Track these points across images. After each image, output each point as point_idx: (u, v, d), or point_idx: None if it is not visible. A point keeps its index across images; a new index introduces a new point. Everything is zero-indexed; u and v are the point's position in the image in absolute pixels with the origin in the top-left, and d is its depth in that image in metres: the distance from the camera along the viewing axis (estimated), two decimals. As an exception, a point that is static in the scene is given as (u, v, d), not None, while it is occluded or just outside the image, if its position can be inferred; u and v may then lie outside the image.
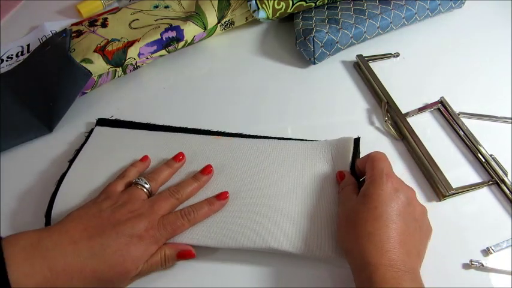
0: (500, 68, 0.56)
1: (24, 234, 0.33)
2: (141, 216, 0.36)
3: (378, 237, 0.33)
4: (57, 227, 0.35)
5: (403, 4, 0.58)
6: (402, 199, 0.35)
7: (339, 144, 0.44)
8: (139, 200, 0.38)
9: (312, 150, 0.44)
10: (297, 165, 0.43)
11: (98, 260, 0.33)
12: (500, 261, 0.39)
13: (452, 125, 0.49)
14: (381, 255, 0.32)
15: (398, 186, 0.36)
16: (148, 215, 0.37)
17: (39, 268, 0.31)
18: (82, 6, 0.66)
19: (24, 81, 0.54)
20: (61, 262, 0.32)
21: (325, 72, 0.57)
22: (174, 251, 0.37)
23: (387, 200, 0.35)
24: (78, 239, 0.34)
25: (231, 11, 0.59)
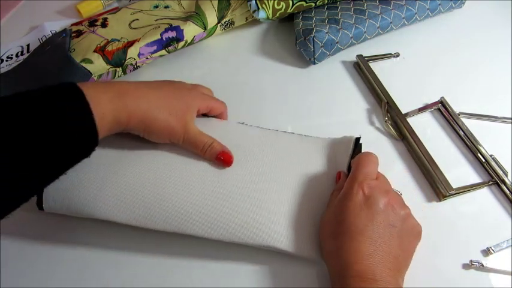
0: (500, 68, 0.56)
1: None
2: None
3: (345, 251, 0.33)
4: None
5: (403, 4, 0.58)
6: (374, 207, 0.35)
7: (340, 143, 0.44)
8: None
9: (314, 147, 0.44)
10: (298, 161, 0.43)
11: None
12: (501, 262, 0.39)
13: (453, 125, 0.49)
14: (349, 267, 0.32)
15: (372, 193, 0.36)
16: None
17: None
18: (82, 6, 0.66)
19: (24, 81, 0.53)
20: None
21: (325, 72, 0.57)
22: (220, 149, 0.40)
23: (355, 212, 0.35)
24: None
25: (231, 11, 0.59)
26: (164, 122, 0.38)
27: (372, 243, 0.33)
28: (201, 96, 0.43)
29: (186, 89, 0.43)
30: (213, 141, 0.40)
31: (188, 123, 0.40)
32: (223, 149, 0.40)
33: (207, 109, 0.44)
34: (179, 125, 0.39)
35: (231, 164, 0.40)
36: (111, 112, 0.35)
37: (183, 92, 0.42)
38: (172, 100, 0.40)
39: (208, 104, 0.43)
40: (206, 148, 0.40)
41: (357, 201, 0.35)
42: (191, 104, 0.41)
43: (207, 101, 0.44)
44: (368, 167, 0.38)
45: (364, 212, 0.35)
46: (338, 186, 0.40)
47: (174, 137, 0.39)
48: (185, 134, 0.39)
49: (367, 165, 0.38)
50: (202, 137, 0.40)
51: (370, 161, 0.39)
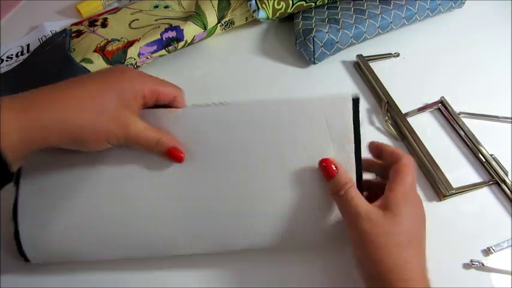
0: (500, 68, 0.56)
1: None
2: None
3: (415, 264, 0.31)
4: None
5: (403, 4, 0.58)
6: (423, 212, 0.34)
7: (334, 108, 0.36)
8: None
9: (304, 119, 0.36)
10: (285, 139, 0.36)
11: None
12: (501, 261, 0.39)
13: (453, 125, 0.49)
14: (420, 280, 0.31)
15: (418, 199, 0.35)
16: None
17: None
18: (82, 6, 0.66)
19: (24, 81, 0.53)
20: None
21: (325, 72, 0.57)
22: (167, 144, 0.35)
23: (417, 221, 0.33)
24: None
25: (231, 11, 0.59)
26: (93, 126, 0.31)
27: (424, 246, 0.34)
28: (140, 78, 0.34)
29: (118, 74, 0.34)
30: (160, 136, 0.34)
31: (127, 117, 0.33)
32: (172, 144, 0.35)
33: (153, 94, 0.35)
34: (115, 124, 0.32)
35: (182, 160, 0.35)
36: (18, 131, 0.28)
37: (113, 79, 0.33)
38: (100, 94, 0.32)
39: (153, 87, 0.35)
40: (153, 145, 0.34)
41: (417, 209, 0.34)
42: (127, 91, 0.33)
43: (151, 83, 0.35)
44: (414, 173, 0.34)
45: (422, 219, 0.34)
46: (339, 182, 0.33)
47: (112, 140, 0.32)
48: (126, 132, 0.33)
49: (413, 169, 0.34)
50: (147, 132, 0.34)
51: (414, 166, 0.35)
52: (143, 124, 0.34)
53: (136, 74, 0.34)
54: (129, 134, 0.33)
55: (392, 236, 0.31)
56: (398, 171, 0.33)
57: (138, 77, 0.34)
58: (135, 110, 0.34)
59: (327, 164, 0.34)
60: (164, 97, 0.36)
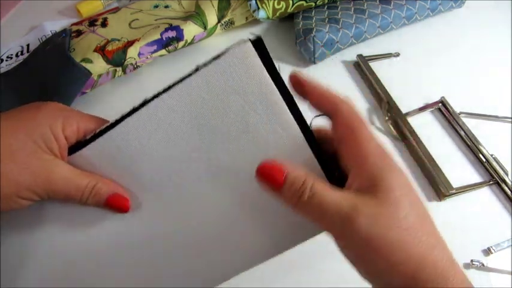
0: (500, 68, 0.56)
1: None
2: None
3: (444, 248, 0.24)
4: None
5: (404, 4, 0.58)
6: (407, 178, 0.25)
7: (237, 63, 0.26)
8: None
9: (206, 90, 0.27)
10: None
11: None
12: (501, 261, 0.39)
13: (453, 125, 0.49)
14: (461, 272, 0.23)
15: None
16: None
17: None
18: (82, 6, 0.66)
19: (24, 81, 0.53)
20: None
21: (325, 72, 0.56)
22: (106, 191, 0.27)
23: (411, 189, 0.25)
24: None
25: (231, 11, 0.59)
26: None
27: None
28: (61, 112, 0.27)
29: (32, 109, 0.27)
30: (96, 181, 0.27)
31: (47, 163, 0.25)
32: (113, 190, 0.27)
33: (78, 132, 0.27)
34: (28, 173, 0.25)
35: (127, 209, 0.28)
36: None
37: (26, 115, 0.26)
38: (6, 134, 0.25)
39: (79, 124, 0.27)
40: (87, 195, 0.27)
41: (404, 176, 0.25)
42: (44, 128, 0.26)
43: (74, 118, 0.27)
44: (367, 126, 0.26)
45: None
46: (299, 178, 0.23)
47: (25, 194, 0.25)
48: (47, 183, 0.25)
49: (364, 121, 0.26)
50: (77, 179, 0.27)
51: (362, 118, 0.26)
52: (70, 168, 0.27)
53: (56, 109, 0.27)
54: (52, 185, 0.26)
55: (401, 222, 0.22)
56: (350, 128, 0.25)
57: (57, 111, 0.27)
58: (57, 153, 0.26)
59: (267, 170, 0.24)
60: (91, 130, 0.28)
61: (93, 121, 0.28)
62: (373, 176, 0.23)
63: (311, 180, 0.23)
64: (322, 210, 0.23)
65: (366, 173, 0.24)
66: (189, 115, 0.27)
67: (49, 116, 0.26)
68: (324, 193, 0.23)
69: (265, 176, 0.24)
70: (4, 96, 0.52)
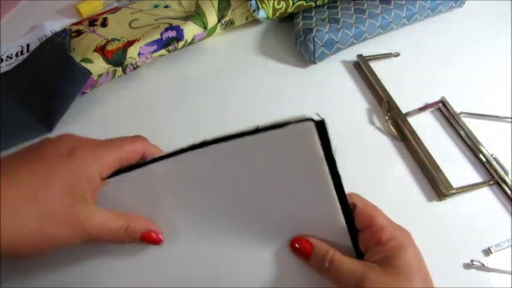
0: (501, 68, 0.56)
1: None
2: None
3: None
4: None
5: (404, 4, 0.58)
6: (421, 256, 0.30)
7: (295, 142, 0.27)
8: None
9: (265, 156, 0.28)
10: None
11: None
12: (501, 261, 0.39)
13: (453, 125, 0.49)
14: None
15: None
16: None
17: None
18: (82, 6, 0.66)
19: (24, 81, 0.53)
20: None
21: (326, 72, 0.56)
22: (140, 229, 0.29)
23: (423, 267, 0.29)
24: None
25: (231, 11, 0.59)
26: (34, 234, 0.24)
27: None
28: (94, 154, 0.27)
29: (65, 158, 0.26)
30: (128, 222, 0.28)
31: (82, 213, 0.26)
32: (146, 227, 0.29)
33: (113, 166, 0.28)
34: (65, 227, 0.25)
35: (160, 242, 0.30)
36: None
37: (59, 165, 0.26)
38: (41, 190, 0.25)
39: (113, 158, 0.28)
40: (121, 236, 0.28)
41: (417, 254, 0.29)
42: (80, 178, 0.26)
43: (108, 155, 0.28)
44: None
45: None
46: (321, 251, 0.29)
47: (63, 245, 0.26)
48: (82, 233, 0.26)
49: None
50: (110, 224, 0.28)
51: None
52: (103, 213, 0.27)
53: (89, 151, 0.27)
54: (86, 234, 0.26)
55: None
56: (366, 216, 0.30)
57: (91, 155, 0.27)
58: (90, 198, 0.27)
59: (298, 244, 0.29)
60: (129, 161, 0.29)
61: (123, 147, 0.29)
62: (389, 254, 0.27)
63: (331, 251, 0.29)
64: (339, 275, 0.28)
65: (383, 252, 0.28)
66: (238, 170, 0.28)
67: (84, 164, 0.26)
68: (341, 262, 0.28)
69: (297, 248, 0.29)
70: (4, 96, 0.52)
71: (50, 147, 0.27)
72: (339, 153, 0.28)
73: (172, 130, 0.51)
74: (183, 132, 0.50)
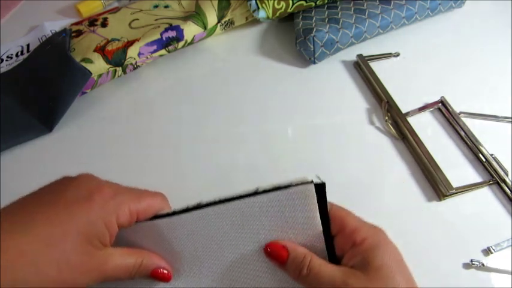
0: (500, 67, 0.56)
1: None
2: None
3: None
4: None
5: (404, 4, 0.58)
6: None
7: (294, 203, 0.29)
8: None
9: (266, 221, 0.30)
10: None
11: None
12: (501, 261, 0.39)
13: (453, 125, 0.49)
14: None
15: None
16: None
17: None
18: (82, 6, 0.66)
19: (24, 81, 0.53)
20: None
21: (325, 72, 0.56)
22: (151, 265, 0.30)
23: (404, 267, 0.28)
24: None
25: (231, 11, 0.59)
26: (54, 282, 0.24)
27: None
28: (115, 199, 0.27)
29: (83, 201, 0.26)
30: (142, 259, 0.29)
31: (100, 259, 0.26)
32: (157, 264, 0.30)
33: (130, 216, 0.28)
34: (84, 273, 0.25)
35: (169, 279, 0.30)
36: None
37: (77, 209, 0.25)
38: (60, 238, 0.24)
39: (132, 208, 0.28)
40: (134, 272, 0.29)
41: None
42: (98, 225, 0.26)
43: (128, 203, 0.28)
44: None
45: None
46: (299, 254, 0.28)
47: (83, 286, 0.26)
48: (100, 275, 0.26)
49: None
50: (125, 260, 0.28)
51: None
52: (119, 251, 0.28)
53: (109, 196, 0.27)
54: (104, 275, 0.27)
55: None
56: (338, 219, 0.29)
57: (111, 201, 0.27)
58: (107, 243, 0.27)
59: (273, 248, 0.29)
60: (146, 214, 0.29)
61: (143, 199, 0.29)
62: (366, 255, 0.27)
63: (309, 256, 0.28)
64: (319, 282, 0.27)
65: (360, 254, 0.27)
66: (237, 229, 0.30)
67: (102, 211, 0.26)
68: (320, 268, 0.27)
69: (271, 251, 0.29)
70: (4, 96, 0.52)
71: (69, 189, 0.27)
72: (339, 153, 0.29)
73: (172, 130, 0.51)
74: (183, 132, 0.50)
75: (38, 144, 0.50)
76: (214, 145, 0.48)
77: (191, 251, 0.31)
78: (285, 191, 0.29)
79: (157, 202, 0.30)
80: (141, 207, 0.29)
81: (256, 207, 0.29)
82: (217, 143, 0.49)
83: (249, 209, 0.29)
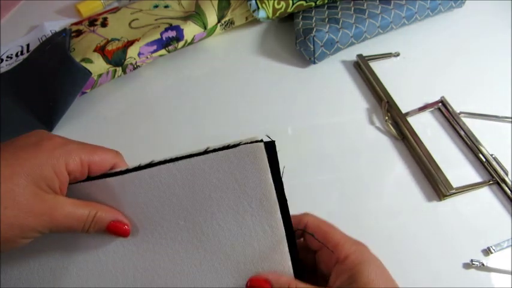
0: (500, 67, 0.56)
1: None
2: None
3: None
4: None
5: (404, 3, 0.58)
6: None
7: (244, 162, 0.29)
8: None
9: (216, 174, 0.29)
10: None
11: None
12: (501, 261, 0.39)
13: (453, 125, 0.49)
14: None
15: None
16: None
17: None
18: (82, 6, 0.66)
19: (24, 81, 0.53)
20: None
21: (325, 72, 0.56)
22: (108, 217, 0.29)
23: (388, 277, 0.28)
24: None
25: (231, 11, 0.59)
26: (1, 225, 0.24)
27: None
28: (63, 148, 0.27)
29: (31, 147, 0.26)
30: (96, 210, 0.28)
31: (49, 202, 0.26)
32: (113, 217, 0.29)
33: (83, 166, 0.28)
34: (30, 216, 0.25)
35: (127, 234, 0.29)
36: None
37: (24, 154, 0.26)
38: (5, 178, 0.24)
39: (82, 158, 0.27)
40: (88, 224, 0.28)
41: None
42: (46, 168, 0.26)
43: (78, 153, 0.27)
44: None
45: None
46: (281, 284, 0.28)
47: (29, 234, 0.25)
48: (50, 221, 0.26)
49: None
50: (78, 210, 0.27)
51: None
52: (70, 201, 0.27)
53: (58, 144, 0.27)
54: (55, 222, 0.26)
55: None
56: (321, 234, 0.29)
57: (59, 148, 0.27)
58: (58, 190, 0.27)
59: (255, 284, 0.28)
60: (98, 168, 0.29)
61: (95, 152, 0.29)
62: (351, 273, 0.26)
63: (294, 284, 0.27)
64: None
65: (345, 272, 0.27)
66: (188, 189, 0.29)
67: (50, 156, 0.26)
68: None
69: (258, 282, 0.28)
70: (4, 96, 0.52)
71: (20, 138, 0.27)
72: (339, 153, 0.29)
73: (172, 130, 0.51)
74: (183, 132, 0.50)
75: (38, 144, 0.50)
76: (214, 145, 0.48)
77: (144, 212, 0.30)
78: (234, 149, 0.28)
79: (110, 156, 0.29)
80: (93, 159, 0.28)
81: (207, 166, 0.29)
82: (217, 143, 0.49)
83: (199, 168, 0.29)
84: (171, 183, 0.29)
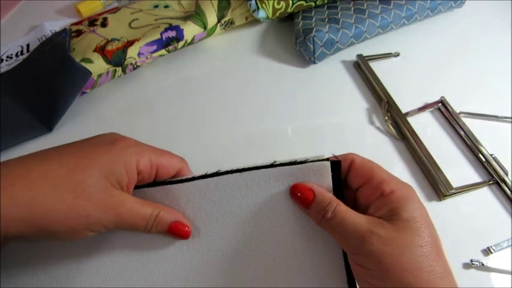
0: (500, 67, 0.56)
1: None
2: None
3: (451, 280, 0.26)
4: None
5: (403, 3, 0.58)
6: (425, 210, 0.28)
7: (309, 179, 0.30)
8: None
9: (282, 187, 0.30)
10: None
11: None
12: (501, 261, 0.39)
13: (453, 125, 0.49)
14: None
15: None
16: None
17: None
18: (82, 6, 0.66)
19: (24, 81, 0.53)
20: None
21: (325, 72, 0.56)
22: (170, 218, 0.29)
23: (429, 220, 0.27)
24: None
25: (231, 11, 0.59)
26: (67, 211, 0.24)
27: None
28: (135, 148, 0.28)
29: (106, 144, 0.28)
30: (159, 210, 0.29)
31: (117, 198, 0.27)
32: (175, 218, 0.29)
33: (152, 168, 0.29)
34: (98, 208, 0.26)
35: (188, 236, 0.30)
36: None
37: (99, 150, 0.27)
38: (79, 169, 0.26)
39: (152, 160, 0.29)
40: (151, 223, 0.28)
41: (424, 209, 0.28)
42: (118, 164, 0.27)
43: (149, 154, 0.29)
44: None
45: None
46: (324, 200, 0.28)
47: (94, 227, 0.26)
48: (116, 216, 0.27)
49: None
50: (142, 209, 0.28)
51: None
52: (135, 199, 0.28)
53: (131, 144, 0.29)
54: (120, 218, 0.27)
55: (417, 249, 0.25)
56: (368, 170, 0.29)
57: (132, 147, 0.28)
58: (125, 187, 0.28)
59: (298, 189, 0.29)
60: (166, 171, 0.30)
61: (164, 156, 0.30)
62: (394, 206, 0.26)
63: (335, 202, 0.27)
64: (341, 228, 0.26)
65: (387, 204, 0.27)
66: (251, 200, 0.30)
67: (123, 153, 0.28)
68: (345, 214, 0.27)
69: (297, 193, 0.29)
70: (4, 96, 0.52)
71: (96, 137, 0.29)
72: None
73: (172, 130, 0.51)
74: (183, 132, 0.50)
75: (38, 144, 0.50)
76: (214, 145, 0.48)
77: (208, 217, 0.31)
78: (301, 165, 0.29)
79: (176, 161, 0.31)
80: (161, 162, 0.29)
81: (272, 179, 0.30)
82: (217, 143, 0.49)
83: (265, 181, 0.30)
84: (236, 194, 0.30)
